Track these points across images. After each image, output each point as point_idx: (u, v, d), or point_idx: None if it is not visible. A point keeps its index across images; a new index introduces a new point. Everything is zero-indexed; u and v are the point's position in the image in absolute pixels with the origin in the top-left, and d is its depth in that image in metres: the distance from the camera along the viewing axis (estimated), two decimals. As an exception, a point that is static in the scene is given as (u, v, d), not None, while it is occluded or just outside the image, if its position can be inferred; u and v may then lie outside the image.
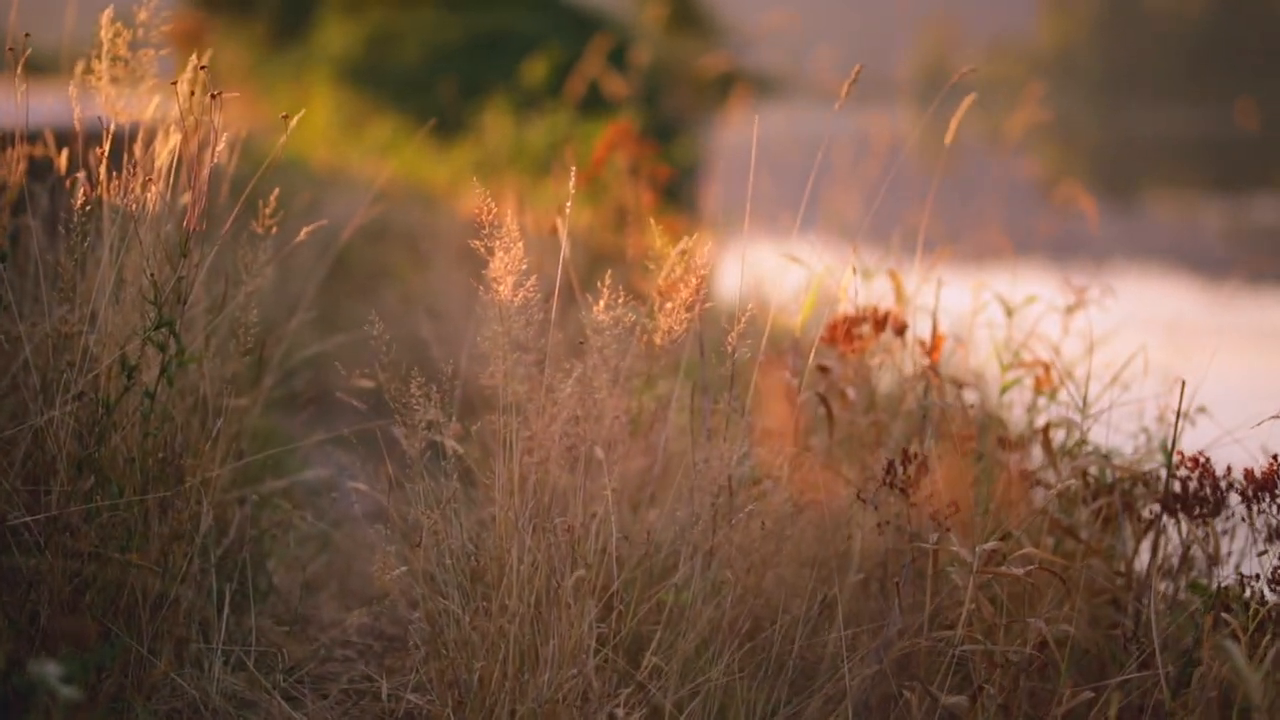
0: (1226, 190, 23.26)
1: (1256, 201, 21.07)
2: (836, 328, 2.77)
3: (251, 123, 9.13)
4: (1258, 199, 21.47)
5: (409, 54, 14.65)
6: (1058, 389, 2.99)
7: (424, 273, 6.18)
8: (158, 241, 2.65)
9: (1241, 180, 24.74)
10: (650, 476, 2.81)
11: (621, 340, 2.47)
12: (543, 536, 2.35)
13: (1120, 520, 2.67)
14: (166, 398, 2.50)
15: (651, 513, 2.79)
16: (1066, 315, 2.99)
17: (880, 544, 2.62)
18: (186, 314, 2.73)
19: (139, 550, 2.42)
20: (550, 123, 8.14)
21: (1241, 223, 18.12)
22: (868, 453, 2.77)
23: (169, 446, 2.54)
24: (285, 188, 3.85)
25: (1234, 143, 31.50)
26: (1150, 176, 27.15)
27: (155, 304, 2.40)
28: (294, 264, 4.74)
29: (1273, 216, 19.20)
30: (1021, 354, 3.10)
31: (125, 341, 2.53)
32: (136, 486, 2.45)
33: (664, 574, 2.56)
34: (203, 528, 2.53)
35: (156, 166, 2.73)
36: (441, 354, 3.21)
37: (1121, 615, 2.64)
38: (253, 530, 2.79)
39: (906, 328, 2.78)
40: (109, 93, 2.68)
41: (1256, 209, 20.08)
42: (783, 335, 3.52)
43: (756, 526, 2.50)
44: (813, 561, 2.56)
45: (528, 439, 2.48)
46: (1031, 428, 3.04)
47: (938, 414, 2.78)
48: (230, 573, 2.72)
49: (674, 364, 3.44)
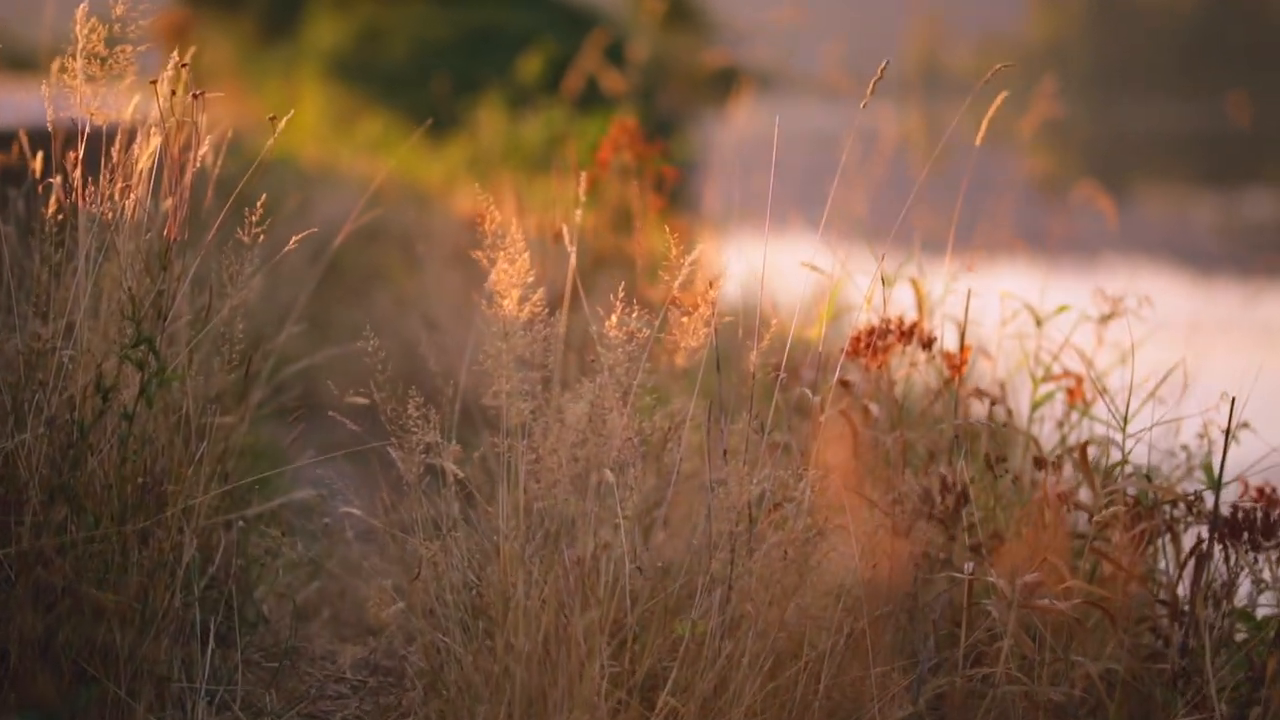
0: (1218, 185, 23.15)
1: (1248, 196, 20.97)
2: (861, 340, 2.61)
3: (240, 120, 8.95)
4: (1249, 194, 21.37)
5: (399, 50, 14.53)
6: (1091, 403, 2.83)
7: (418, 275, 6.01)
8: (137, 251, 2.48)
9: (1233, 175, 24.64)
10: (662, 498, 2.64)
11: (634, 357, 2.30)
12: (551, 569, 2.19)
13: (1162, 545, 2.51)
14: (146, 419, 2.33)
15: (660, 534, 2.63)
16: (1100, 325, 2.83)
17: (910, 572, 2.45)
18: (168, 328, 2.56)
19: (117, 584, 2.25)
20: (547, 119, 7.97)
21: (1233, 218, 18.01)
22: (894, 472, 2.60)
23: (149, 471, 2.37)
24: (274, 187, 3.68)
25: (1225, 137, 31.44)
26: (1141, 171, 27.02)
27: (133, 319, 2.22)
28: (283, 268, 4.57)
29: (1264, 211, 19.10)
30: (1051, 366, 2.94)
31: (102, 359, 2.36)
32: (114, 515, 2.28)
33: (679, 605, 2.40)
34: (185, 558, 2.36)
35: (137, 170, 2.56)
36: (438, 364, 3.04)
37: (1163, 645, 2.48)
38: (239, 559, 2.62)
39: (934, 340, 2.62)
40: (84, 92, 2.51)
41: (1248, 204, 19.98)
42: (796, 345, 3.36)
43: (778, 555, 2.33)
44: (838, 592, 2.40)
45: (533, 462, 2.32)
46: (1064, 444, 2.88)
47: (969, 432, 2.62)
48: (215, 603, 2.56)
49: (680, 375, 3.28)
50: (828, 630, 2.34)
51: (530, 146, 7.96)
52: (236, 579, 2.60)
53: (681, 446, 2.49)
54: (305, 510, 3.12)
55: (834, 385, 2.59)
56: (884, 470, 2.65)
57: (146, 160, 2.54)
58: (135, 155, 2.52)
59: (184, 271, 2.63)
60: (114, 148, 2.51)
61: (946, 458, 2.63)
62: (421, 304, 5.61)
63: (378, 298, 5.97)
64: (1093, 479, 2.50)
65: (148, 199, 2.51)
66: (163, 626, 2.31)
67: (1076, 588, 2.20)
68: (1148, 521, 2.52)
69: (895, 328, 2.60)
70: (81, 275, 2.41)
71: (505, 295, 2.19)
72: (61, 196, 2.52)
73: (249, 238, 2.69)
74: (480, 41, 13.98)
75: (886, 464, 2.61)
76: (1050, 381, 2.82)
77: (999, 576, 2.28)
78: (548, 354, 2.25)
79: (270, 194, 2.90)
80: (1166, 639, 2.49)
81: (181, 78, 2.50)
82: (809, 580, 2.40)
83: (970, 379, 2.97)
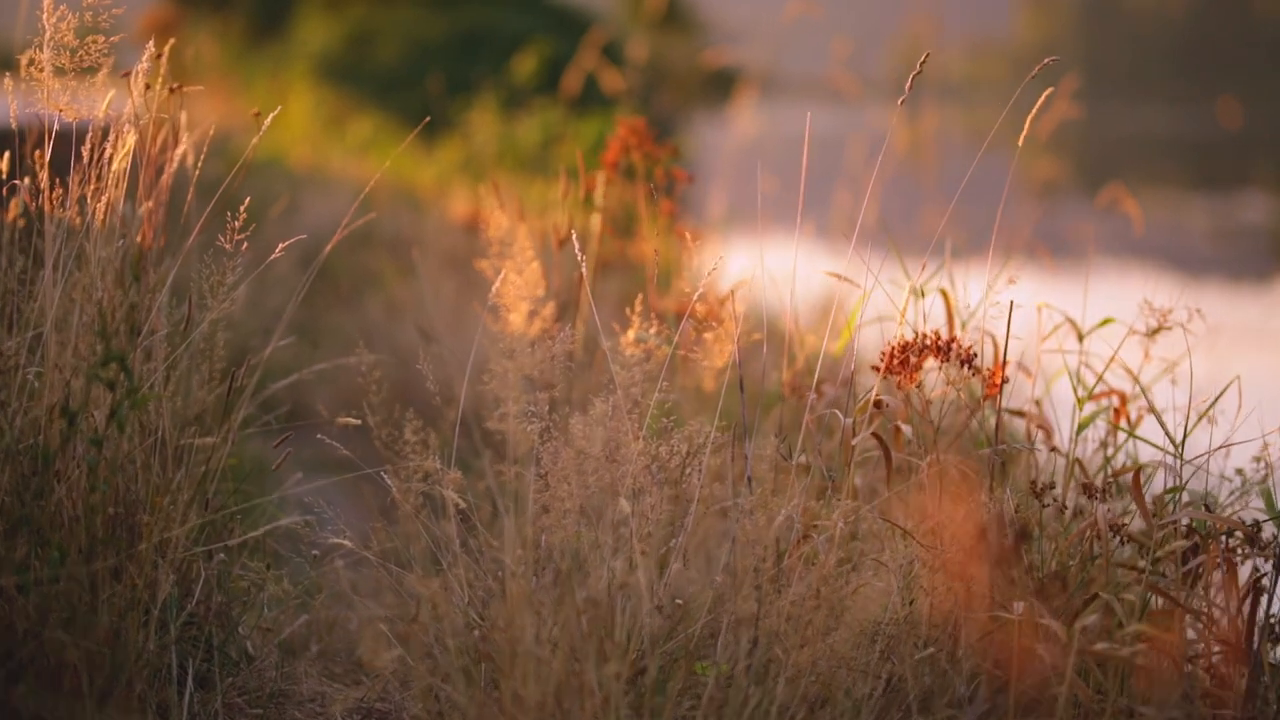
0: (1208, 189, 23.03)
1: (1239, 200, 20.84)
2: (894, 356, 2.41)
3: (226, 122, 8.73)
4: (1240, 197, 21.24)
5: (389, 52, 14.38)
6: (1137, 423, 2.64)
7: (411, 280, 5.80)
8: (110, 259, 2.28)
9: (1224, 179, 24.52)
10: (679, 526, 2.44)
11: (652, 376, 2.11)
12: (562, 610, 1.99)
13: (1220, 578, 2.32)
14: (118, 443, 2.13)
15: (676, 565, 2.42)
16: (1148, 340, 2.63)
17: (950, 609, 2.26)
18: (144, 342, 2.36)
19: (85, 626, 2.04)
20: (542, 120, 7.76)
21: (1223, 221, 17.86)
22: (929, 499, 2.40)
23: (121, 500, 2.17)
24: (262, 189, 3.49)
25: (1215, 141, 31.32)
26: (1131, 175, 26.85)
27: (103, 335, 2.02)
28: (270, 274, 4.37)
29: (1256, 215, 18.98)
30: (1093, 384, 2.74)
31: (71, 376, 2.16)
32: (82, 549, 2.08)
33: (701, 647, 2.20)
34: (161, 595, 2.15)
35: (111, 171, 2.36)
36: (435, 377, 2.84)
37: (1218, 687, 2.29)
38: (221, 593, 2.41)
39: (975, 357, 2.42)
40: (52, 86, 2.31)
41: (1239, 207, 19.85)
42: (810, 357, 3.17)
43: (809, 593, 2.14)
44: (873, 632, 2.20)
45: (541, 490, 2.12)
46: (1107, 467, 2.68)
47: (1006, 455, 2.43)
48: (195, 641, 2.35)
49: (694, 390, 3.08)
50: (863, 675, 2.15)
51: (526, 148, 7.75)
52: (218, 614, 2.40)
53: (702, 472, 2.29)
54: (292, 535, 2.91)
55: (866, 404, 2.39)
56: (917, 496, 2.45)
57: (121, 160, 2.34)
58: (108, 154, 2.31)
59: (161, 281, 2.43)
60: (85, 147, 2.31)
61: (988, 485, 2.43)
62: (415, 311, 5.40)
63: (369, 304, 5.76)
64: (1146, 508, 2.31)
65: (121, 202, 2.31)
66: (136, 671, 2.11)
67: (1145, 632, 2.01)
68: (1204, 553, 2.33)
69: (932, 343, 2.40)
70: (48, 285, 2.21)
71: (513, 308, 1.98)
72: (28, 199, 2.32)
73: (232, 244, 2.49)
74: (471, 43, 13.82)
75: (921, 490, 2.42)
76: (1093, 400, 2.62)
77: (1051, 616, 2.08)
78: (557, 372, 2.05)
79: (257, 196, 2.70)
80: (1223, 681, 2.30)
81: (159, 70, 2.30)
82: (842, 619, 2.20)
83: (1004, 396, 2.78)
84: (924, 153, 5.47)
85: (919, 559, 2.29)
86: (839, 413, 2.36)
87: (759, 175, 5.60)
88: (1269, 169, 25.80)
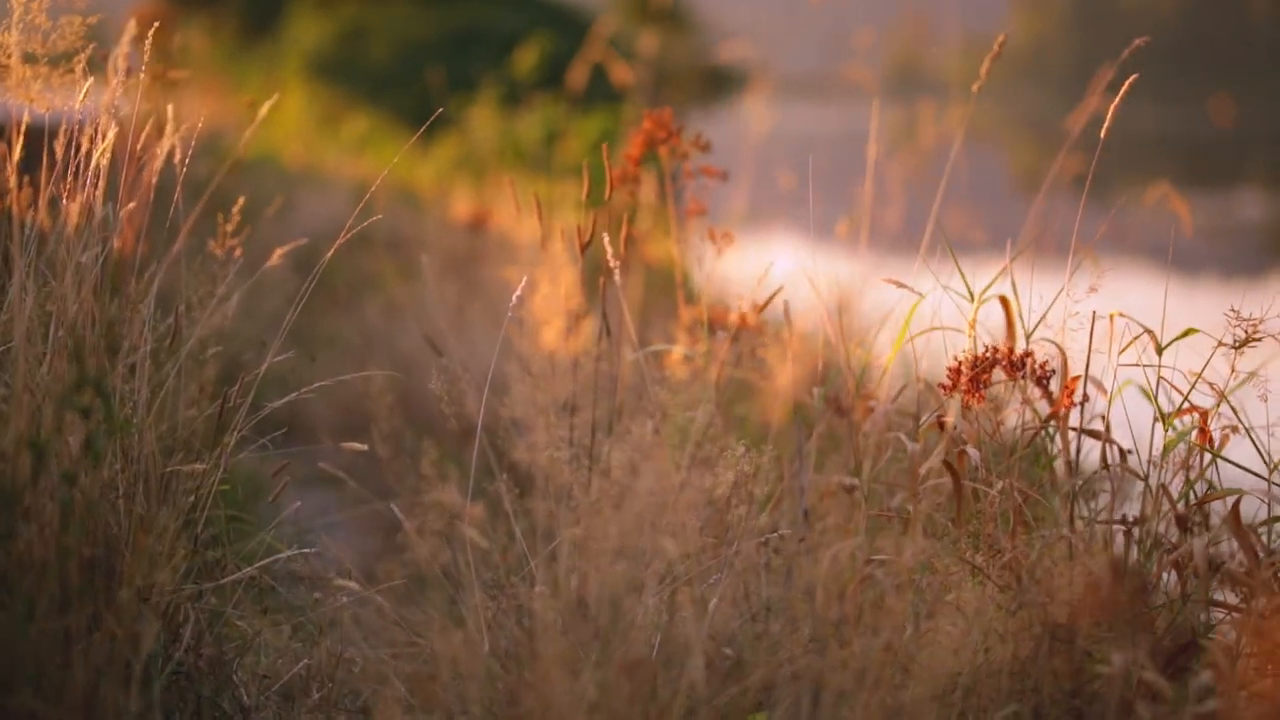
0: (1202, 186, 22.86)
1: (1233, 198, 20.67)
2: (960, 372, 2.16)
3: (218, 120, 8.48)
4: (1234, 196, 21.07)
5: (382, 50, 14.19)
6: (1223, 444, 2.39)
7: (410, 282, 5.55)
8: (88, 268, 2.03)
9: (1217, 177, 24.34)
10: (723, 562, 2.19)
11: (700, 399, 1.86)
12: (602, 671, 1.74)
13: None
14: (94, 478, 1.88)
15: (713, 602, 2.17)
16: (1236, 354, 2.39)
17: (1031, 656, 2.01)
18: (127, 360, 2.11)
19: (57, 687, 1.79)
20: (544, 116, 7.50)
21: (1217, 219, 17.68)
22: (1002, 531, 2.16)
23: (99, 541, 1.91)
24: (255, 188, 3.24)
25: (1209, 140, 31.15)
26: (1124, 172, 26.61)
27: (76, 357, 1.77)
28: (264, 277, 4.11)
29: (1250, 212, 18.84)
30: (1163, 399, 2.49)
31: (43, 399, 1.91)
32: (54, 598, 1.82)
33: (753, 701, 1.95)
34: (145, 649, 1.90)
35: (92, 166, 2.11)
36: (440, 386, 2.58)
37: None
38: (212, 636, 2.16)
39: (1053, 375, 2.18)
40: (22, 73, 2.06)
41: (1234, 204, 19.68)
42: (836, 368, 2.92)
43: (878, 643, 1.89)
44: (948, 685, 1.95)
45: (572, 526, 1.87)
46: (1190, 493, 2.44)
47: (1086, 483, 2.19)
48: (183, 694, 2.10)
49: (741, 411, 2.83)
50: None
51: (527, 145, 7.49)
52: (210, 663, 2.14)
53: (752, 505, 2.05)
54: (291, 566, 2.66)
55: (931, 427, 2.15)
56: (988, 528, 2.20)
57: (101, 155, 2.09)
58: (85, 149, 2.06)
59: (145, 291, 2.18)
60: (59, 141, 2.06)
61: (1067, 515, 2.19)
62: (416, 314, 5.15)
63: (367, 307, 5.50)
64: (1250, 543, 2.07)
65: (100, 202, 2.06)
66: (115, 736, 1.86)
67: (1257, 689, 1.76)
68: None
69: (1004, 358, 2.16)
70: (17, 296, 1.96)
71: (546, 323, 1.73)
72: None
73: (224, 249, 2.24)
74: (466, 41, 13.62)
75: (993, 522, 2.17)
76: (1174, 418, 2.37)
77: (1151, 668, 1.84)
78: (597, 395, 1.80)
79: (250, 196, 2.46)
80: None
81: (143, 54, 2.05)
82: (912, 671, 1.95)
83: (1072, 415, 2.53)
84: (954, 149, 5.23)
85: (995, 601, 2.04)
86: (905, 437, 2.12)
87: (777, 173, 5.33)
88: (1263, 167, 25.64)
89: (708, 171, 2.90)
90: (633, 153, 2.88)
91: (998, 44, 2.03)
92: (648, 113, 2.98)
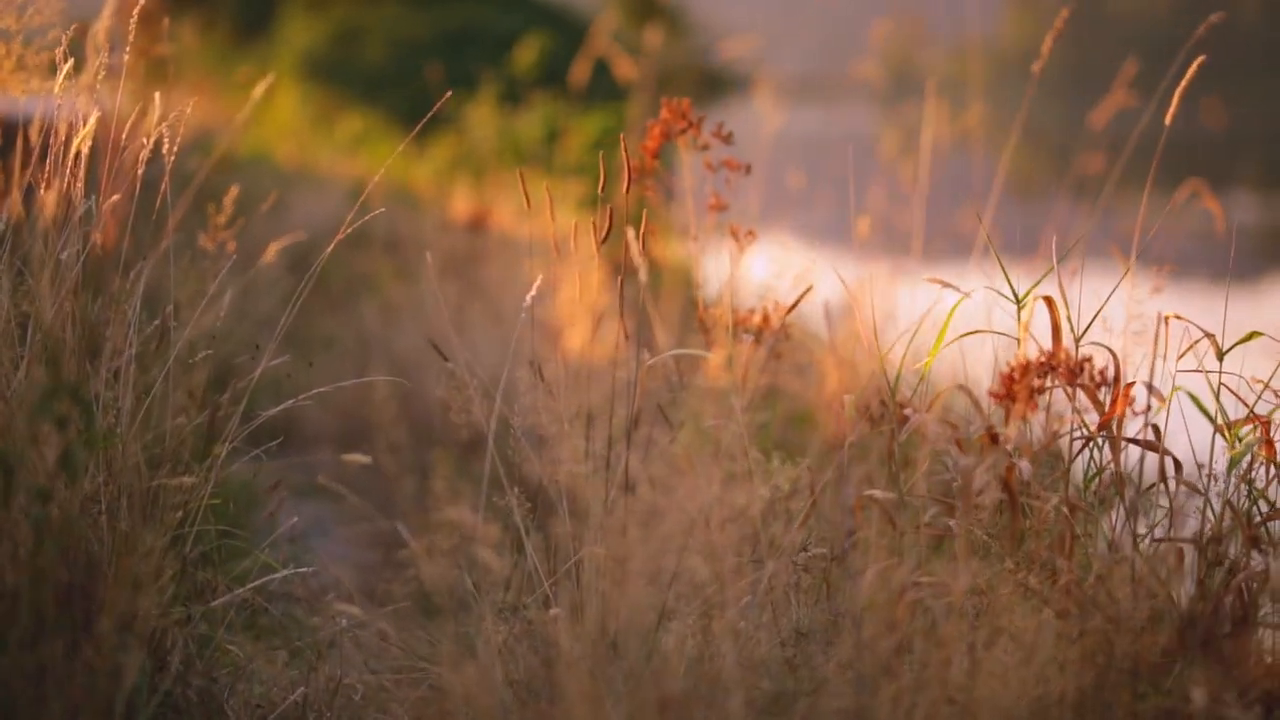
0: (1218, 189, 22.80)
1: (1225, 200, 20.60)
2: (1014, 379, 2.00)
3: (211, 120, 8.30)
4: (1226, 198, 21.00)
5: (375, 50, 14.11)
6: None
7: (408, 283, 5.38)
8: (68, 265, 1.86)
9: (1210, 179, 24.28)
10: (755, 581, 2.02)
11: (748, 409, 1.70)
12: (632, 709, 1.58)
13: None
14: (72, 496, 1.71)
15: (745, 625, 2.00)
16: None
17: (1094, 687, 1.85)
18: (111, 365, 1.94)
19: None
20: (544, 114, 7.34)
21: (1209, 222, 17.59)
22: (1057, 552, 2.00)
23: (77, 564, 1.75)
24: (248, 186, 3.07)
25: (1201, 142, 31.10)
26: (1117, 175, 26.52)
27: (48, 362, 1.60)
28: (258, 276, 3.95)
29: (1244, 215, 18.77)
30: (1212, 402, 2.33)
31: (16, 409, 1.74)
32: (27, 628, 1.66)
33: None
34: (128, 681, 1.73)
35: (72, 152, 1.95)
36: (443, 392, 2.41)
37: None
38: (202, 666, 2.00)
39: (1114, 381, 2.02)
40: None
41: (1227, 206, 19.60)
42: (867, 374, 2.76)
43: (928, 676, 1.73)
44: None
45: (599, 552, 1.71)
46: (1254, 507, 2.28)
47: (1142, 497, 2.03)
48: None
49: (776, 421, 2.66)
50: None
51: (527, 143, 7.33)
52: (200, 694, 1.98)
53: (790, 525, 1.89)
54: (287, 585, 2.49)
55: (982, 439, 1.99)
56: (1038, 547, 2.04)
57: (81, 140, 1.92)
58: (63, 135, 1.90)
59: (130, 289, 2.01)
60: (33, 127, 1.89)
61: (1121, 533, 2.03)
62: (413, 315, 4.99)
63: (363, 308, 5.33)
64: (1328, 566, 1.91)
65: (79, 193, 1.89)
66: (94, 778, 1.69)
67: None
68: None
69: (1062, 364, 1.99)
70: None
71: (572, 326, 1.57)
72: (-35, 191, 1.91)
73: (215, 243, 2.07)
74: (460, 41, 13.53)
75: (1047, 542, 2.01)
76: (1237, 427, 2.21)
77: (1236, 706, 1.68)
78: (633, 404, 1.64)
79: (243, 193, 2.29)
80: None
81: (128, 31, 1.89)
82: (969, 706, 1.79)
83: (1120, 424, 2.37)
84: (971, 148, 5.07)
85: (1052, 627, 1.88)
86: (955, 449, 1.95)
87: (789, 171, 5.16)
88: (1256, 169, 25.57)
89: (730, 165, 2.74)
90: (650, 145, 2.72)
91: (1060, 20, 1.87)
92: (666, 102, 2.82)
